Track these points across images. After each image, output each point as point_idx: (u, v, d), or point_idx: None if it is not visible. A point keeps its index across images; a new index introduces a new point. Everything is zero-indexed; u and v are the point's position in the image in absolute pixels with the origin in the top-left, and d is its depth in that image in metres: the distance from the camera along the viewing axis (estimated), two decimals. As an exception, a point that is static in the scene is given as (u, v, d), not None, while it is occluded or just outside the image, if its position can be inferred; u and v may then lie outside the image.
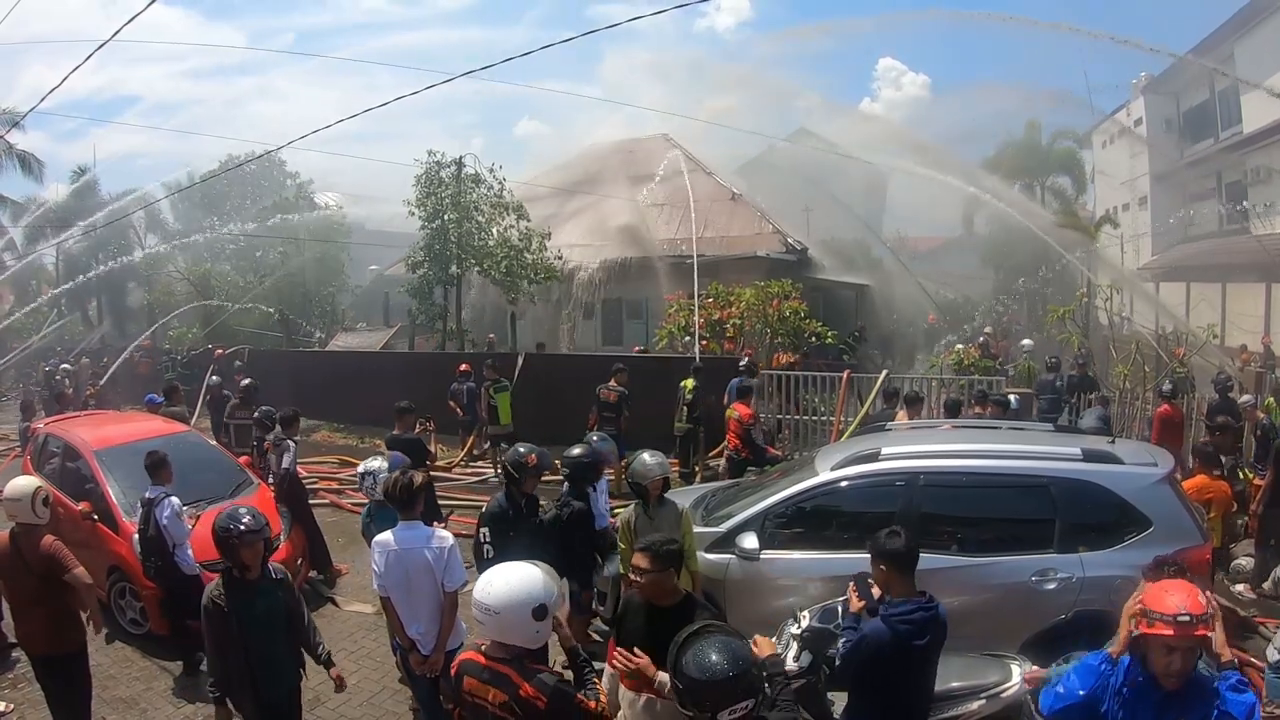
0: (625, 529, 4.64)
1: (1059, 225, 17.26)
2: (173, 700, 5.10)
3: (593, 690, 2.63)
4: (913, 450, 5.00)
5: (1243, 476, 6.99)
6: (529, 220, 14.55)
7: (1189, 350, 11.81)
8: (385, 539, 3.83)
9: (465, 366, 11.31)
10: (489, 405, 10.34)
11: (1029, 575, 4.33)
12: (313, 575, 6.86)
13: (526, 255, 14.26)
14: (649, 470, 4.64)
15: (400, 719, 4.84)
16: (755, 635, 2.79)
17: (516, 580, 2.55)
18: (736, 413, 8.22)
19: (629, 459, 5.03)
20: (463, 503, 8.89)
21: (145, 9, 6.41)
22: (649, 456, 4.71)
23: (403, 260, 16.51)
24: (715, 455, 9.71)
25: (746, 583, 4.75)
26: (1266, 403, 8.77)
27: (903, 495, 4.69)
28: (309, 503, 7.47)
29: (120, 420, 8.40)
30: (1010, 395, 9.06)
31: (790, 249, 16.10)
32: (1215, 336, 12.90)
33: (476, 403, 10.80)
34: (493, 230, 14.17)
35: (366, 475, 5.29)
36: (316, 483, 9.86)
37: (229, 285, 20.41)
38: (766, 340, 12.24)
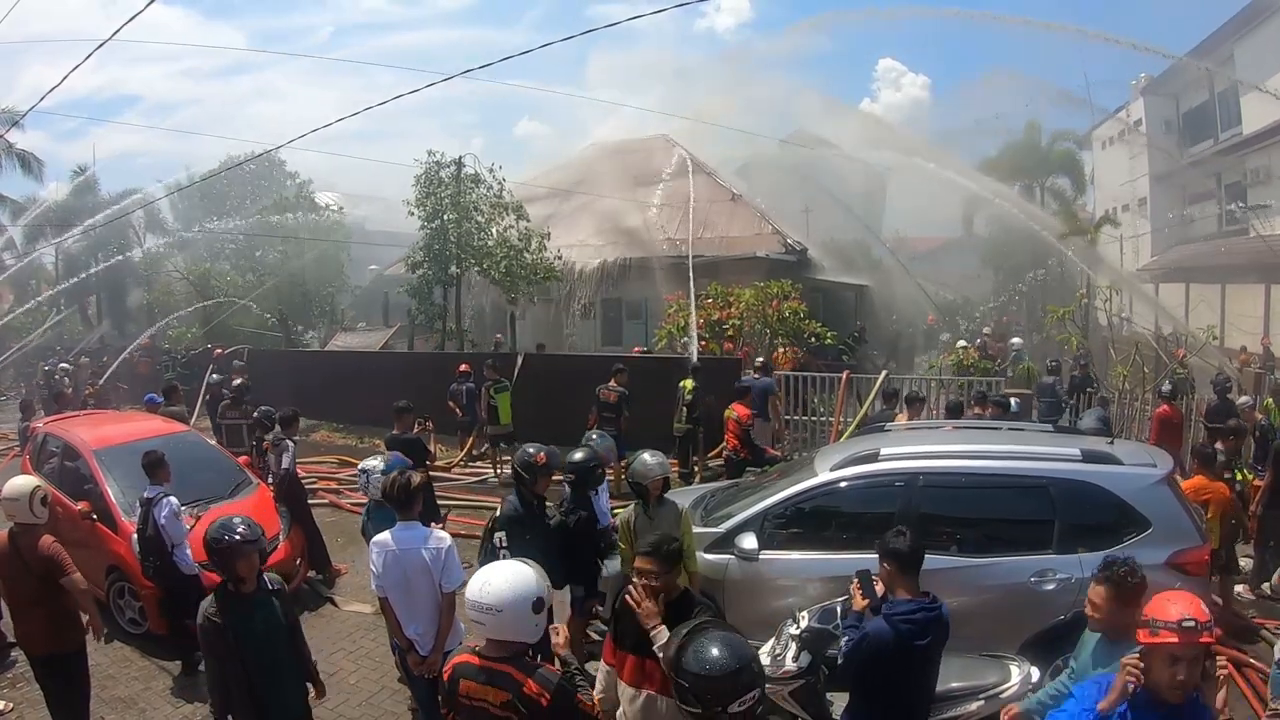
0: (625, 529, 4.64)
1: (1060, 234, 17.25)
2: (171, 700, 5.11)
3: (587, 696, 2.64)
4: (912, 451, 4.99)
5: (1240, 477, 6.98)
6: (528, 220, 14.53)
7: (1189, 351, 11.81)
8: (383, 539, 3.82)
9: (465, 367, 11.30)
10: (489, 405, 10.34)
11: (1028, 576, 4.33)
12: (312, 575, 6.86)
13: (526, 255, 14.25)
14: (649, 470, 4.63)
15: (399, 719, 4.84)
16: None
17: (514, 577, 2.57)
18: (735, 413, 8.22)
19: (629, 459, 5.03)
20: (462, 503, 8.90)
21: (145, 9, 6.39)
22: (649, 456, 4.70)
23: (402, 260, 16.51)
24: (714, 456, 9.72)
25: (745, 583, 4.74)
26: (1265, 404, 8.78)
27: (902, 496, 4.69)
28: (308, 503, 7.47)
29: (119, 420, 8.41)
30: (1010, 397, 9.06)
31: (790, 249, 16.08)
32: (1215, 338, 12.87)
33: (476, 403, 10.79)
34: (492, 230, 14.15)
35: (364, 474, 5.30)
36: (316, 482, 9.85)
37: (229, 285, 20.37)
38: (766, 340, 12.24)
